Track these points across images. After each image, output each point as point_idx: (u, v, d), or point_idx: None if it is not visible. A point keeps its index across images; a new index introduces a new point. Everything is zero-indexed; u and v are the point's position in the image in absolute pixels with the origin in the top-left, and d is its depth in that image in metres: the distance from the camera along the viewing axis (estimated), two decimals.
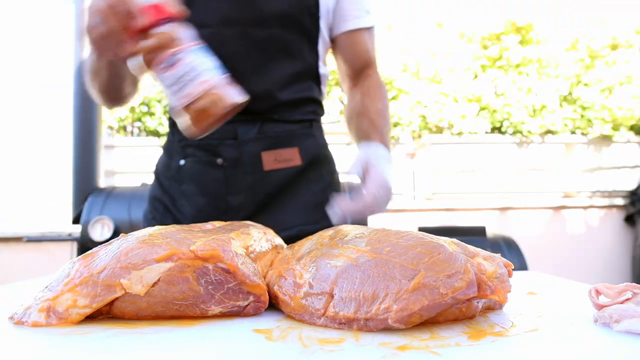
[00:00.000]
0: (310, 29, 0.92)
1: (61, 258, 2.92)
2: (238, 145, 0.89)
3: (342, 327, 0.40)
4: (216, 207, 0.91)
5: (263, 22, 0.87)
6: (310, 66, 0.94)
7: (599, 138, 3.60)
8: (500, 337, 0.38)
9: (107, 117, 3.47)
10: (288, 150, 0.92)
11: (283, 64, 0.90)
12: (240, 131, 0.90)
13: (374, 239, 0.46)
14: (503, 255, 1.01)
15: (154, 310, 0.44)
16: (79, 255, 0.50)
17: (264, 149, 0.90)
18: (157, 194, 0.98)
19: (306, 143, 0.94)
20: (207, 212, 0.91)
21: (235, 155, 0.90)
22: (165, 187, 0.96)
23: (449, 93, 3.55)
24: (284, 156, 0.92)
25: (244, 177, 0.90)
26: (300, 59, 0.92)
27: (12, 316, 0.43)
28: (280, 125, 0.92)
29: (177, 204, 0.94)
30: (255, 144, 0.90)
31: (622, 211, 3.52)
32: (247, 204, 0.91)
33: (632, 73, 3.58)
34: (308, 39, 0.92)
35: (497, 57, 3.65)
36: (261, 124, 0.90)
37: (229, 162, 0.90)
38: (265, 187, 0.91)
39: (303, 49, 0.92)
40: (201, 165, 0.91)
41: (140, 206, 2.24)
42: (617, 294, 0.43)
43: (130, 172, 3.39)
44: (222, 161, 0.90)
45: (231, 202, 0.90)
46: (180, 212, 0.93)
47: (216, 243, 0.45)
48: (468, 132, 3.50)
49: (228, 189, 0.90)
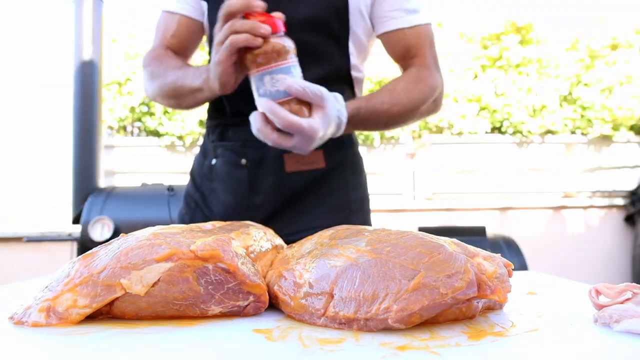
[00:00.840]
0: (338, 33, 0.92)
1: (61, 258, 2.92)
2: (262, 146, 0.89)
3: (342, 327, 0.40)
4: (240, 205, 0.93)
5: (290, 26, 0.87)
6: (340, 69, 0.94)
7: (599, 138, 3.60)
8: (500, 337, 0.38)
9: (107, 117, 3.47)
10: (312, 152, 0.90)
11: (311, 68, 0.88)
12: None
13: (374, 239, 0.46)
14: (503, 255, 1.02)
15: (154, 310, 0.44)
16: (79, 255, 0.50)
17: (287, 151, 0.90)
18: (191, 191, 1.01)
19: (332, 146, 0.92)
20: (232, 209, 0.94)
21: (258, 156, 0.92)
22: (198, 184, 1.00)
23: (449, 93, 3.55)
24: (307, 159, 0.92)
25: (266, 177, 0.92)
26: (329, 63, 0.92)
27: (12, 316, 0.43)
28: None
29: (207, 200, 0.97)
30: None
31: (622, 211, 3.52)
32: (268, 204, 0.93)
33: (632, 73, 3.58)
34: (337, 42, 0.92)
35: (497, 57, 3.65)
36: None
37: (252, 163, 0.93)
38: (286, 189, 0.92)
39: (332, 52, 0.92)
40: (228, 165, 0.95)
41: (140, 206, 2.24)
42: (617, 294, 0.43)
43: (130, 172, 3.39)
44: (246, 162, 0.93)
45: (253, 201, 0.93)
46: (209, 209, 0.97)
47: (216, 243, 0.45)
48: (468, 132, 3.50)
49: (250, 189, 0.93)
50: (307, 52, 0.89)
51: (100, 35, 2.53)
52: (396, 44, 0.96)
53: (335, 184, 0.96)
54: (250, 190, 0.93)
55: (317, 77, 0.90)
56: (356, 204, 0.99)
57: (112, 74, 3.50)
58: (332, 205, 0.95)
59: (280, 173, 0.92)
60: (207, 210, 0.97)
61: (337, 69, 0.93)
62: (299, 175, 0.92)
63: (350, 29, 0.93)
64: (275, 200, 0.93)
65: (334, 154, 0.95)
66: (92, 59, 2.46)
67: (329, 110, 0.74)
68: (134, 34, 3.68)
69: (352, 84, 0.96)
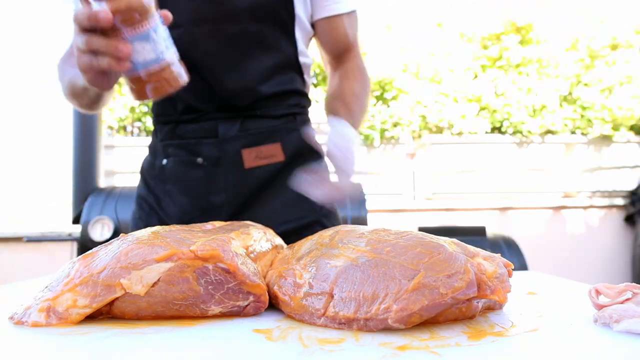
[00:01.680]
0: (285, 20, 0.89)
1: (61, 258, 2.92)
2: (218, 143, 0.88)
3: (342, 327, 0.40)
4: (198, 207, 0.89)
5: (234, 17, 0.85)
6: (289, 57, 0.92)
7: (599, 138, 3.60)
8: (500, 337, 0.38)
9: (107, 117, 3.47)
10: (270, 146, 0.90)
11: (259, 58, 0.88)
12: (221, 129, 0.88)
13: (374, 239, 0.46)
14: (503, 255, 1.02)
15: (154, 310, 0.44)
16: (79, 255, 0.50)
17: (245, 146, 0.88)
18: (143, 194, 0.97)
19: (289, 137, 0.92)
20: (190, 211, 0.90)
21: (215, 154, 0.88)
22: (151, 186, 0.95)
23: (449, 93, 3.55)
24: (266, 152, 0.90)
25: (225, 175, 0.89)
26: (277, 51, 0.90)
27: (12, 316, 0.43)
28: (263, 122, 0.90)
29: (162, 203, 0.93)
30: (236, 141, 0.88)
31: (622, 211, 3.52)
32: (229, 203, 0.89)
33: (632, 73, 3.58)
34: (284, 30, 0.90)
35: (497, 57, 3.65)
36: (243, 121, 0.89)
37: (208, 161, 0.89)
38: (247, 185, 0.89)
39: (279, 40, 0.89)
40: (182, 165, 0.90)
41: None
42: (617, 294, 0.43)
43: (130, 172, 3.39)
44: (202, 160, 0.89)
45: (212, 201, 0.89)
46: (165, 212, 0.92)
47: (216, 243, 0.45)
48: (468, 132, 3.50)
49: (209, 188, 0.89)
50: (254, 42, 0.87)
51: None
52: (333, 31, 0.95)
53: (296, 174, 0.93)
54: (208, 190, 0.89)
55: (266, 67, 0.89)
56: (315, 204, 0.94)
57: None
58: (296, 197, 0.89)
59: (239, 170, 0.88)
60: (163, 213, 0.92)
61: (286, 57, 0.91)
62: (258, 170, 0.89)
63: (295, 14, 0.90)
64: (236, 198, 0.89)
65: (292, 145, 0.92)
66: None
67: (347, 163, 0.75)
68: None
69: (302, 70, 0.94)
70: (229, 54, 0.86)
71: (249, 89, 0.88)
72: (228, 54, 0.86)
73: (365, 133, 3.38)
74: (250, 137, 0.89)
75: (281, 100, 0.92)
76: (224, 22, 0.85)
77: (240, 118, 0.89)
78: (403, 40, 3.67)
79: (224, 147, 0.88)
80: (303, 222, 0.91)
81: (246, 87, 0.88)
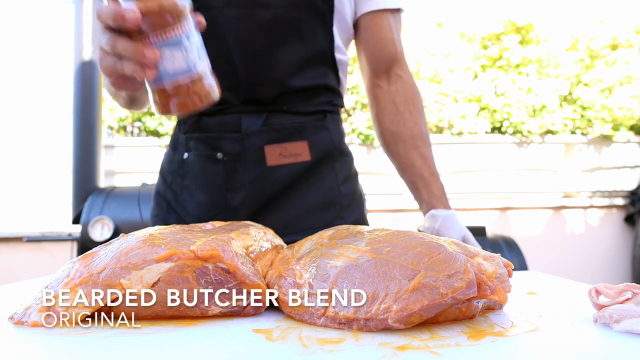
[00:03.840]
0: (322, 8, 0.82)
1: (61, 258, 2.92)
2: (241, 138, 0.82)
3: (342, 327, 0.40)
4: (216, 204, 0.84)
5: (269, 1, 0.79)
6: (324, 50, 0.85)
7: (599, 138, 3.60)
8: (500, 337, 0.38)
9: (107, 117, 3.47)
10: (296, 144, 0.83)
11: (292, 48, 0.81)
12: (245, 123, 0.83)
13: (374, 239, 0.46)
14: (503, 255, 1.01)
15: (154, 310, 0.44)
16: (79, 255, 0.50)
17: (269, 142, 0.82)
18: (161, 190, 0.92)
19: (317, 136, 0.85)
20: (207, 209, 0.85)
21: (236, 149, 0.82)
22: (168, 181, 0.90)
23: (449, 93, 3.55)
24: (291, 150, 0.83)
25: (245, 172, 0.83)
26: (312, 42, 0.83)
27: (12, 316, 0.43)
28: (289, 117, 0.84)
29: (179, 199, 0.88)
30: (258, 136, 0.82)
31: (622, 211, 3.52)
32: (248, 202, 0.83)
33: (632, 73, 3.57)
34: (321, 20, 0.83)
35: (497, 57, 3.65)
36: (268, 115, 0.83)
37: (229, 157, 0.83)
38: (268, 185, 0.83)
39: (315, 30, 0.83)
40: (202, 159, 0.85)
41: (140, 206, 2.24)
42: (617, 294, 0.43)
43: (130, 172, 3.39)
44: (222, 155, 0.83)
45: (231, 199, 0.84)
46: (183, 208, 0.87)
47: (216, 243, 0.45)
48: (468, 132, 3.50)
49: (227, 185, 0.83)
50: (288, 30, 0.81)
51: None
52: (377, 30, 0.87)
53: (323, 177, 0.86)
54: (227, 187, 0.83)
55: (299, 58, 0.82)
56: (347, 199, 0.89)
57: None
58: (320, 202, 0.86)
59: (261, 167, 0.82)
60: (182, 209, 0.87)
61: (320, 49, 0.84)
62: (282, 169, 0.83)
63: (334, 5, 0.84)
64: (256, 198, 0.83)
65: (320, 145, 0.85)
66: (92, 59, 2.46)
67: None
68: None
69: (336, 67, 0.87)
70: (260, 41, 0.80)
71: (276, 80, 0.81)
72: (259, 41, 0.80)
73: (365, 133, 3.38)
74: (275, 133, 0.83)
75: (311, 96, 0.85)
76: (258, 7, 0.79)
77: (265, 112, 0.83)
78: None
79: (246, 142, 0.82)
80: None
81: (274, 78, 0.81)
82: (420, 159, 0.86)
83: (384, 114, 0.90)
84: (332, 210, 0.86)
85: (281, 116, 0.84)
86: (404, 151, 0.87)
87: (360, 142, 3.40)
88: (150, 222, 0.92)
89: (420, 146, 0.86)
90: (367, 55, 0.90)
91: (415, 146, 0.86)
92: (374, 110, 0.93)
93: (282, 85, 0.82)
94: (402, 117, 0.87)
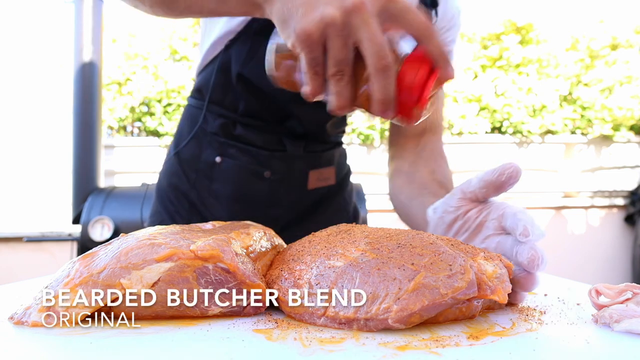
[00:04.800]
0: None
1: (61, 258, 2.92)
2: (286, 159, 0.84)
3: (342, 327, 0.40)
4: (253, 217, 0.82)
5: None
6: None
7: (599, 138, 3.60)
8: (500, 337, 0.38)
9: (107, 117, 3.47)
10: (328, 169, 0.89)
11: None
12: (288, 144, 0.84)
13: (374, 239, 0.46)
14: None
15: (154, 310, 0.44)
16: (79, 255, 0.50)
17: (311, 167, 0.86)
18: (181, 186, 0.87)
19: (339, 162, 0.91)
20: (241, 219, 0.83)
21: (283, 170, 0.84)
22: (192, 180, 0.86)
23: (449, 93, 3.55)
24: (325, 175, 0.89)
25: (288, 193, 0.86)
26: None
27: (12, 316, 0.43)
28: (322, 145, 0.89)
29: (206, 202, 0.86)
30: (302, 161, 0.86)
31: (622, 211, 3.52)
32: (283, 218, 0.87)
33: (632, 73, 3.58)
34: None
35: (497, 57, 3.65)
36: (306, 142, 0.86)
37: (275, 176, 0.84)
38: (303, 204, 0.89)
39: None
40: (244, 172, 0.83)
41: (140, 206, 2.24)
42: (617, 294, 0.43)
43: (130, 172, 3.39)
44: (270, 174, 0.84)
45: (269, 214, 0.86)
46: (210, 212, 0.86)
47: (216, 243, 0.45)
48: (468, 132, 3.50)
49: (269, 203, 0.85)
50: None
51: (100, 35, 2.53)
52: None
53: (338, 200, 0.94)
54: (268, 204, 0.85)
55: None
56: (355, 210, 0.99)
57: (112, 74, 3.50)
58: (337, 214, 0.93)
59: (302, 190, 0.87)
60: (209, 214, 0.86)
61: None
62: (315, 191, 0.89)
63: None
64: (290, 214, 0.88)
65: (341, 170, 0.92)
66: (92, 59, 2.46)
67: None
68: (133, 34, 3.68)
69: None
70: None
71: (322, 120, 0.84)
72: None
73: (365, 133, 3.38)
74: (315, 159, 0.87)
75: (338, 125, 0.90)
76: None
77: (304, 139, 0.85)
78: None
79: (293, 164, 0.85)
80: None
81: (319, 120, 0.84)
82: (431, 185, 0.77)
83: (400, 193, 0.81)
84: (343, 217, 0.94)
85: (317, 143, 0.88)
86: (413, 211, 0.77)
87: (360, 142, 3.41)
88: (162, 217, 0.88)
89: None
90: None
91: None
92: (391, 182, 0.85)
93: (325, 122, 0.85)
94: (420, 200, 0.75)
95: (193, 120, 0.87)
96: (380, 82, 0.44)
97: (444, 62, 0.43)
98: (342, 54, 0.44)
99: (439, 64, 0.44)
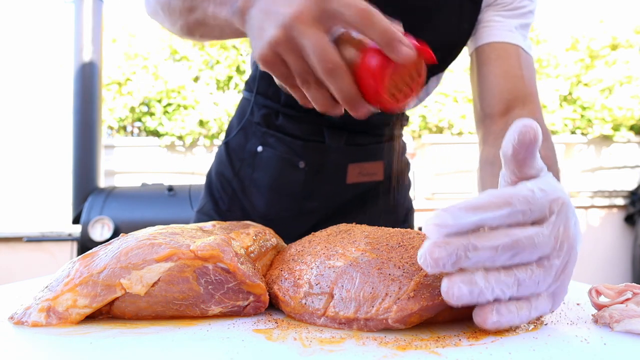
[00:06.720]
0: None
1: (61, 258, 2.92)
2: (324, 151, 0.82)
3: (342, 327, 0.40)
4: (289, 208, 0.85)
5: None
6: None
7: (599, 138, 3.60)
8: (500, 337, 0.38)
9: (107, 117, 3.47)
10: (373, 164, 0.85)
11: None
12: (328, 136, 0.82)
13: (374, 239, 0.46)
14: None
15: (154, 310, 0.44)
16: (79, 255, 0.50)
17: (351, 161, 0.83)
18: (226, 174, 0.89)
19: (390, 157, 0.87)
20: (278, 209, 0.85)
21: (319, 162, 0.83)
22: (237, 168, 0.88)
23: (449, 93, 3.55)
24: (368, 170, 0.85)
25: (323, 185, 0.84)
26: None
27: (12, 316, 0.43)
28: (369, 138, 0.85)
29: (247, 190, 0.86)
30: (342, 154, 0.83)
31: (622, 211, 3.52)
32: (320, 210, 0.85)
33: (632, 73, 3.58)
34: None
35: None
36: (349, 134, 0.83)
37: (310, 167, 0.83)
38: (342, 198, 0.86)
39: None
40: (280, 162, 0.83)
41: (140, 206, 2.24)
42: (617, 294, 0.43)
43: (130, 172, 3.39)
44: (304, 165, 0.83)
45: (305, 206, 0.85)
46: (250, 201, 0.86)
47: (216, 243, 0.45)
48: (468, 132, 3.50)
49: (304, 194, 0.84)
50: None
51: (100, 35, 2.53)
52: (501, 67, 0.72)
53: (387, 199, 0.89)
54: (303, 195, 0.84)
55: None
56: (405, 210, 0.96)
57: (112, 74, 3.51)
58: (384, 216, 0.89)
59: (340, 183, 0.84)
60: (248, 202, 0.86)
61: None
62: (358, 186, 0.85)
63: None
64: (328, 207, 0.85)
65: (391, 165, 0.88)
66: (92, 59, 2.46)
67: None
68: (133, 34, 3.68)
69: None
70: None
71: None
72: None
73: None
74: (357, 152, 0.84)
75: (388, 119, 0.86)
76: None
77: (346, 131, 0.83)
78: None
79: (330, 156, 0.82)
80: None
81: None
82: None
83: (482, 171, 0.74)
84: (391, 218, 0.90)
85: (362, 136, 0.84)
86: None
87: None
88: (210, 202, 0.88)
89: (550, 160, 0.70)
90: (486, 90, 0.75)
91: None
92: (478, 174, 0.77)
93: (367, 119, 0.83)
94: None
95: (242, 111, 0.89)
96: (333, 84, 0.44)
97: (388, 46, 0.42)
98: (298, 66, 0.45)
99: (384, 49, 0.42)
